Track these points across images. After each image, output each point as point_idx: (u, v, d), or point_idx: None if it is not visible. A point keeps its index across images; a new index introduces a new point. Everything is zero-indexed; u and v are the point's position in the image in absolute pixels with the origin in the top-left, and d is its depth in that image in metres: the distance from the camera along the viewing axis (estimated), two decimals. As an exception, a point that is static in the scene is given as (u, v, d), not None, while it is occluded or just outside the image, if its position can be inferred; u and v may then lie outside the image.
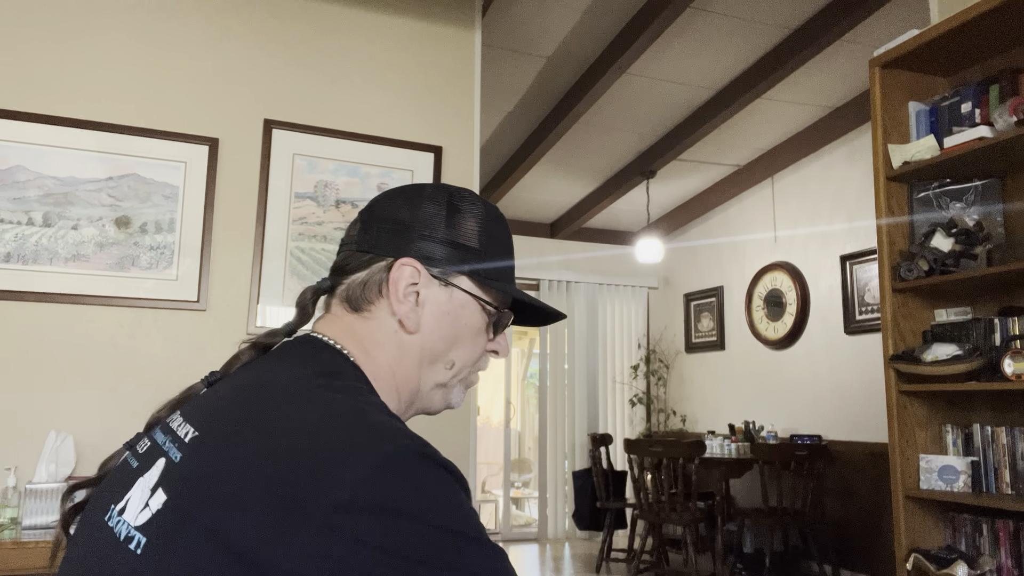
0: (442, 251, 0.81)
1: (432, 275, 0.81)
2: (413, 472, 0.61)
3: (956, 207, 2.44)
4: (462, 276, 0.82)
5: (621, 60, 4.16)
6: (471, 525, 0.62)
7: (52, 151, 2.58)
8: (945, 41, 2.35)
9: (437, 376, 0.83)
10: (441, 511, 0.61)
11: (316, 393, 0.69)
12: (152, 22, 2.79)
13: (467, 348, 0.84)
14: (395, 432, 0.64)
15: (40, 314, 2.52)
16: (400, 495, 0.60)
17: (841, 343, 5.30)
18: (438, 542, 0.59)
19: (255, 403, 0.69)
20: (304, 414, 0.66)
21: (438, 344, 0.82)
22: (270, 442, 0.63)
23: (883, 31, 4.06)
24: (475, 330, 0.84)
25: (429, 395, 0.84)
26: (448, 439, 2.98)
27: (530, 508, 7.74)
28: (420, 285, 0.80)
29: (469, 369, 0.86)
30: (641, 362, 6.98)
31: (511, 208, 6.61)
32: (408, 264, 0.80)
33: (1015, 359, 2.12)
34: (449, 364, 0.83)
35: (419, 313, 0.80)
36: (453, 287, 0.82)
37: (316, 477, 0.60)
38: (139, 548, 0.64)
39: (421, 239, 0.81)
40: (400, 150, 3.03)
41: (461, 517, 0.62)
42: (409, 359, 0.81)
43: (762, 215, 6.11)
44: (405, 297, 0.80)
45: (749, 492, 5.73)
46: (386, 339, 0.81)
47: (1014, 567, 2.17)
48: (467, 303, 0.82)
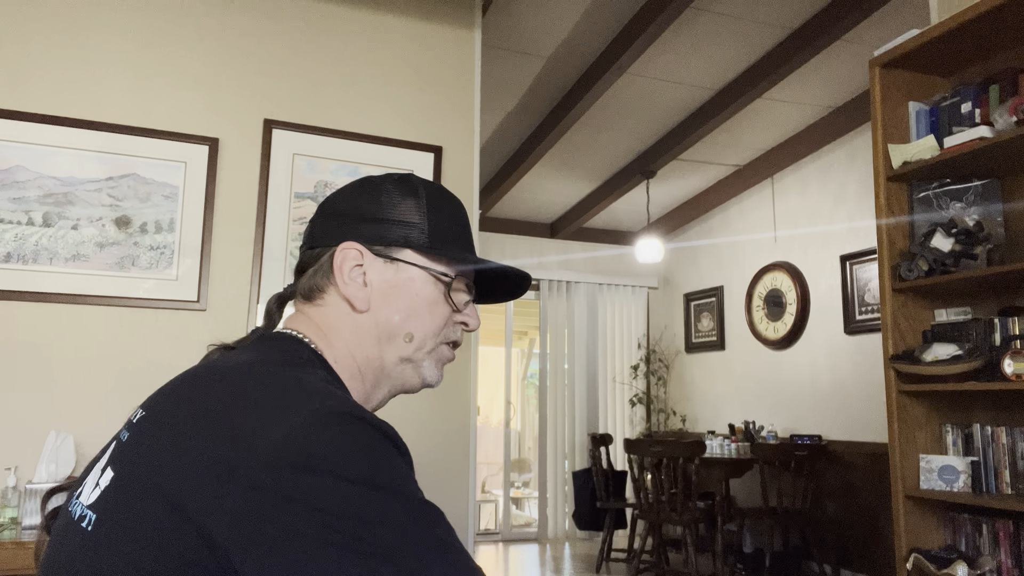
0: (382, 230, 0.83)
1: (375, 253, 0.83)
2: (340, 430, 0.62)
3: (956, 207, 2.44)
4: (405, 250, 0.83)
5: (621, 60, 4.16)
6: (399, 482, 0.62)
7: (52, 151, 2.58)
8: (945, 41, 2.35)
9: (399, 351, 0.84)
10: (367, 468, 0.61)
11: (258, 368, 0.72)
12: (152, 22, 2.79)
13: (424, 319, 0.84)
14: (326, 394, 0.66)
15: (40, 314, 2.52)
16: (326, 452, 0.60)
17: (841, 343, 5.30)
18: (363, 499, 0.59)
19: (200, 381, 0.72)
20: (241, 385, 0.69)
21: (392, 318, 0.83)
22: (207, 408, 0.66)
23: (883, 31, 4.06)
24: (429, 300, 0.84)
25: (398, 372, 0.85)
26: (448, 439, 2.98)
27: (530, 508, 7.74)
28: (365, 265, 0.83)
29: (434, 340, 0.86)
30: (641, 362, 6.98)
31: (511, 208, 6.61)
32: (349, 247, 0.82)
33: (1015, 359, 2.12)
34: (408, 337, 0.84)
35: (367, 292, 0.82)
36: (398, 262, 0.83)
37: (245, 437, 0.62)
38: (90, 525, 0.66)
39: (361, 223, 0.84)
40: (400, 150, 3.03)
41: (388, 474, 0.62)
42: (366, 338, 0.83)
43: (762, 215, 6.11)
44: (351, 279, 0.82)
45: (749, 492, 5.73)
46: (340, 323, 0.83)
47: (1014, 567, 2.16)
48: (415, 275, 0.84)
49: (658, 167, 5.66)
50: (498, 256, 6.70)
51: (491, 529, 6.76)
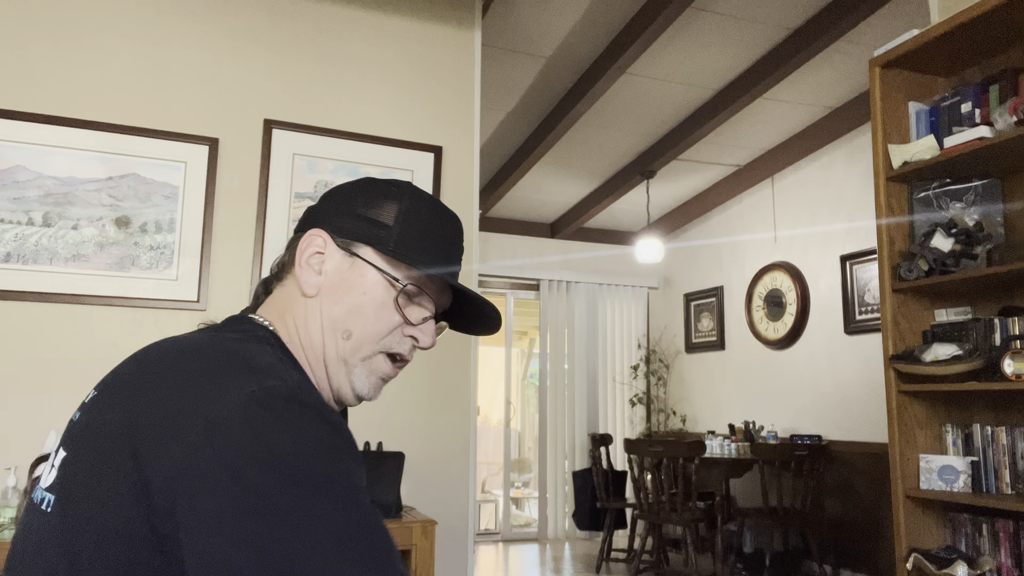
0: (352, 224, 0.84)
1: (338, 244, 0.84)
2: (279, 412, 0.63)
3: (956, 207, 2.44)
4: (366, 247, 0.83)
5: (621, 60, 4.16)
6: (328, 471, 0.62)
7: (52, 151, 2.58)
8: (945, 41, 2.35)
9: (335, 346, 0.83)
10: (298, 454, 0.61)
11: (209, 343, 0.74)
12: (152, 22, 2.79)
13: (367, 320, 0.83)
14: (271, 374, 0.67)
15: (40, 314, 2.52)
16: (252, 430, 0.62)
17: (841, 343, 5.30)
18: (287, 485, 0.60)
19: (148, 355, 0.74)
20: (191, 357, 0.71)
21: (334, 309, 0.82)
22: (155, 380, 0.69)
23: (883, 31, 4.06)
24: (377, 302, 0.83)
25: (334, 370, 0.83)
26: (448, 439, 2.98)
27: (530, 508, 7.74)
28: (326, 254, 0.84)
29: (373, 346, 0.84)
30: (641, 362, 6.98)
31: (511, 208, 6.61)
32: (316, 234, 0.84)
33: (1015, 359, 2.12)
34: (346, 334, 0.83)
35: (319, 280, 0.83)
36: (356, 257, 0.83)
37: (190, 408, 0.63)
38: (49, 507, 0.68)
39: (336, 215, 0.85)
40: (400, 150, 3.03)
41: (318, 461, 0.62)
42: (312, 324, 0.83)
43: (762, 215, 6.11)
44: (308, 264, 0.83)
45: (749, 492, 5.73)
46: (292, 303, 0.84)
47: (1014, 567, 2.16)
48: (368, 273, 0.83)
49: (658, 167, 5.66)
50: (498, 256, 6.70)
51: (491, 529, 6.76)
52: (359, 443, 2.75)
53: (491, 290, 6.70)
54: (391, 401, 2.92)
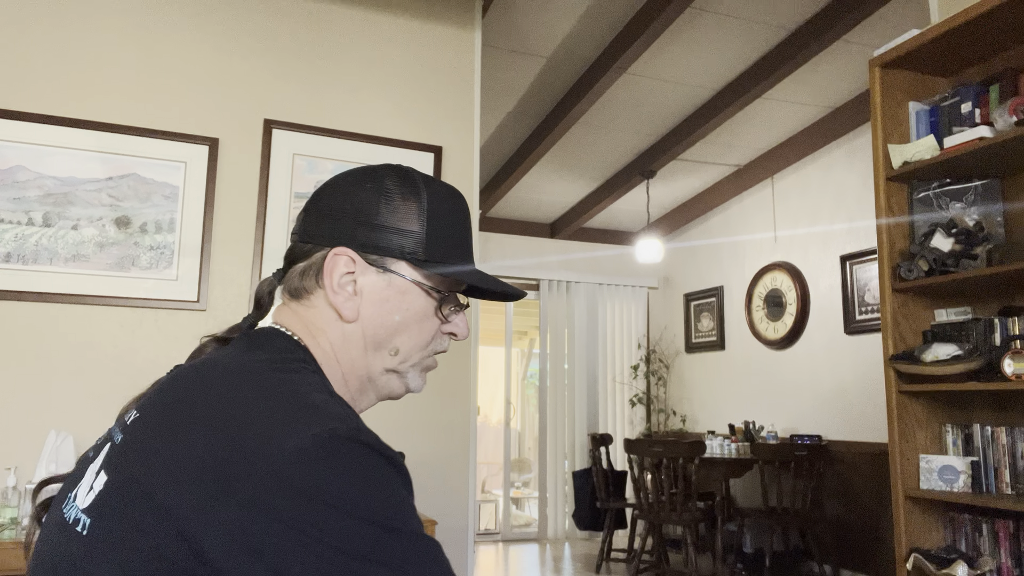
0: (378, 237, 0.79)
1: (368, 262, 0.80)
2: (340, 456, 0.61)
3: (956, 207, 2.44)
4: (400, 262, 0.80)
5: (621, 60, 4.16)
6: (396, 515, 0.61)
7: (52, 151, 2.58)
8: (945, 41, 2.35)
9: (384, 362, 0.82)
10: (363, 498, 0.60)
11: (255, 371, 0.70)
12: (152, 22, 2.79)
13: (412, 334, 0.82)
14: (329, 415, 0.64)
15: (40, 314, 2.52)
16: (323, 478, 0.59)
17: (841, 343, 5.30)
18: (356, 530, 0.59)
19: (196, 382, 0.70)
20: (240, 390, 0.67)
21: (379, 331, 0.80)
22: (205, 415, 0.65)
23: (883, 31, 4.06)
24: (420, 315, 0.82)
25: (384, 381, 0.83)
26: (448, 439, 2.98)
27: (530, 508, 7.74)
28: (356, 273, 0.79)
29: (421, 354, 0.84)
30: (641, 362, 6.98)
31: (511, 208, 6.61)
32: (342, 253, 0.79)
33: (1015, 359, 2.12)
34: (394, 351, 0.82)
35: (357, 302, 0.80)
36: (391, 273, 0.80)
37: (244, 452, 0.60)
38: (85, 529, 0.65)
39: (358, 226, 0.80)
40: (400, 150, 3.03)
41: (384, 506, 0.61)
42: (353, 347, 0.80)
43: (762, 215, 6.11)
44: (340, 287, 0.79)
45: (749, 492, 5.73)
46: (327, 327, 0.80)
47: (1014, 567, 2.16)
48: (407, 289, 0.81)
49: (658, 167, 5.66)
50: (498, 256, 6.70)
51: (491, 529, 6.76)
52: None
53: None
54: (391, 401, 2.92)
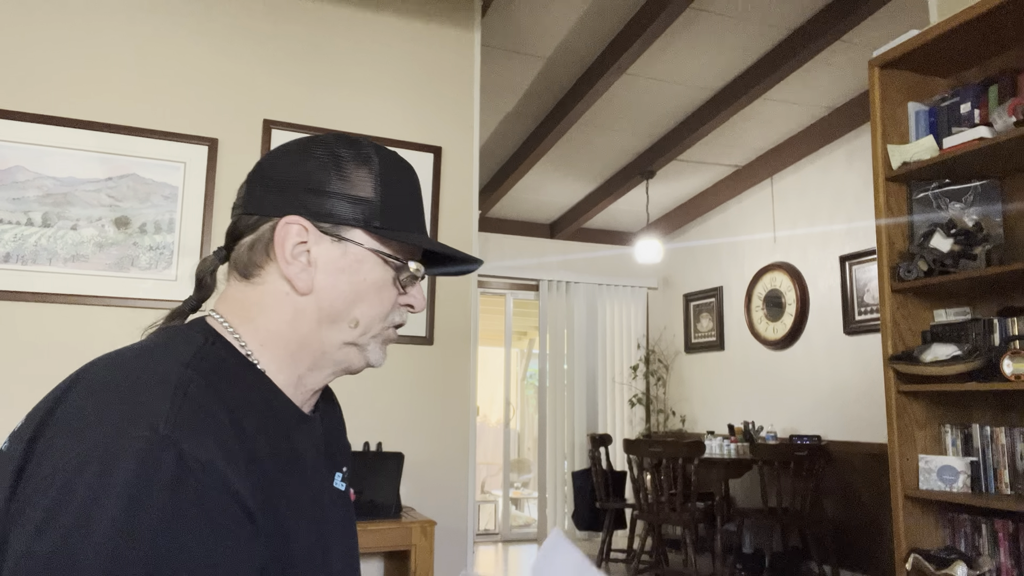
0: (332, 205, 0.76)
1: (322, 231, 0.76)
2: (114, 472, 0.58)
3: (955, 207, 2.44)
4: (356, 229, 0.77)
5: (621, 60, 4.16)
6: (147, 555, 0.56)
7: (51, 151, 2.58)
8: (944, 41, 2.35)
9: (343, 335, 0.78)
10: (120, 531, 0.56)
11: (108, 370, 0.68)
12: (151, 22, 2.79)
13: (371, 304, 0.79)
14: (136, 420, 0.61)
15: (40, 314, 2.52)
16: (87, 491, 0.57)
17: (840, 343, 5.30)
18: (99, 559, 0.55)
19: (61, 387, 0.68)
20: (82, 395, 0.65)
21: (336, 303, 0.77)
22: (51, 419, 0.64)
23: (883, 31, 4.06)
24: (377, 285, 0.79)
25: (342, 354, 0.79)
26: (448, 439, 2.98)
27: (529, 508, 7.74)
28: (310, 243, 0.76)
29: (381, 325, 0.80)
30: (640, 362, 6.98)
31: (511, 208, 6.61)
32: (293, 222, 0.75)
33: (1014, 359, 2.12)
34: (353, 323, 0.78)
35: (311, 273, 0.76)
36: (347, 242, 0.77)
37: (48, 448, 0.61)
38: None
39: (308, 193, 0.76)
40: (400, 150, 3.03)
41: (135, 542, 0.56)
42: (306, 321, 0.77)
43: (761, 215, 6.11)
44: (294, 257, 0.76)
45: (748, 492, 5.73)
46: (277, 303, 0.77)
47: (1013, 567, 2.17)
48: (364, 258, 0.77)
49: (657, 167, 5.66)
50: (498, 256, 6.70)
51: (490, 529, 6.76)
52: (358, 443, 2.75)
53: (491, 290, 6.70)
54: (391, 401, 2.92)
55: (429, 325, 2.98)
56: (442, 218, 3.06)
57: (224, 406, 0.67)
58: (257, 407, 0.72)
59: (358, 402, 2.84)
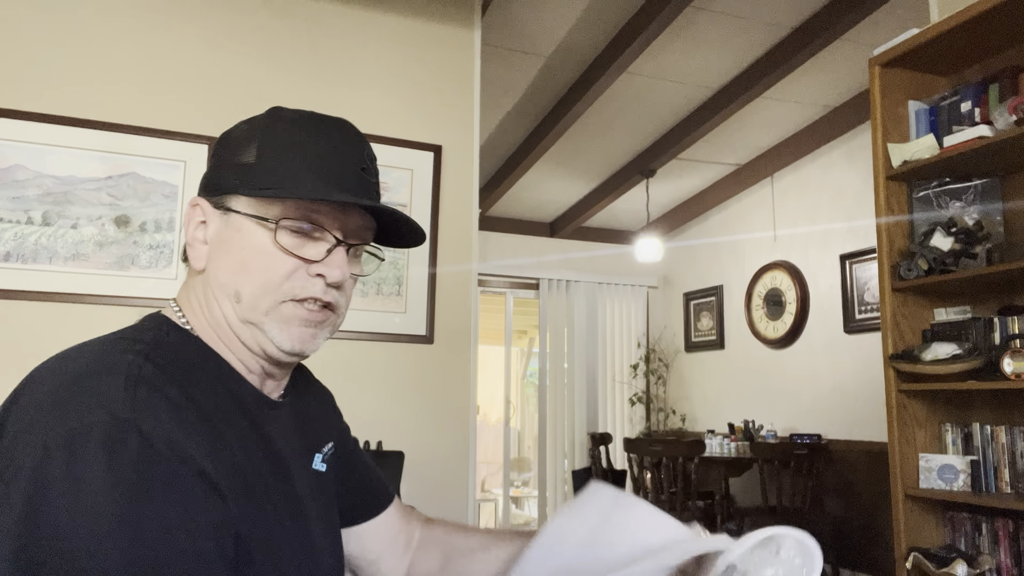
0: (218, 176, 0.75)
1: (214, 206, 0.75)
2: (81, 458, 0.59)
3: (956, 206, 2.44)
4: (237, 197, 0.74)
5: (621, 59, 4.16)
6: (111, 539, 0.56)
7: (51, 150, 2.58)
8: (945, 40, 2.35)
9: (233, 312, 0.74)
10: (85, 519, 0.57)
11: (59, 366, 0.71)
12: (152, 22, 2.78)
13: (254, 274, 0.73)
14: (93, 407, 0.62)
15: (40, 313, 2.52)
16: (54, 477, 0.58)
17: (841, 342, 5.30)
18: (63, 551, 0.56)
19: (14, 391, 0.72)
20: (36, 393, 0.68)
21: (220, 275, 0.74)
22: (7, 420, 0.67)
23: (883, 31, 4.06)
24: (259, 251, 0.73)
25: (247, 333, 0.75)
26: (448, 438, 2.98)
27: (530, 507, 7.74)
28: (208, 221, 0.76)
29: (271, 298, 0.73)
30: (641, 361, 6.98)
31: (511, 207, 6.60)
32: (193, 202, 0.77)
33: (1015, 358, 2.12)
34: (236, 297, 0.73)
35: (206, 249, 0.76)
36: (230, 212, 0.74)
37: (11, 445, 0.63)
38: None
39: (209, 172, 0.77)
40: (400, 149, 3.03)
41: (100, 527, 0.57)
42: (208, 297, 0.75)
43: (762, 214, 6.11)
44: (194, 239, 0.76)
45: (749, 491, 5.73)
46: (194, 283, 0.78)
47: (1013, 566, 2.17)
48: (242, 224, 0.73)
49: (658, 166, 5.66)
50: (498, 255, 6.70)
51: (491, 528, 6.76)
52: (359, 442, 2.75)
53: (491, 289, 6.70)
54: (391, 401, 2.92)
55: (429, 324, 2.98)
56: (442, 217, 3.06)
57: (179, 389, 0.67)
58: (216, 390, 0.72)
59: (358, 402, 2.84)
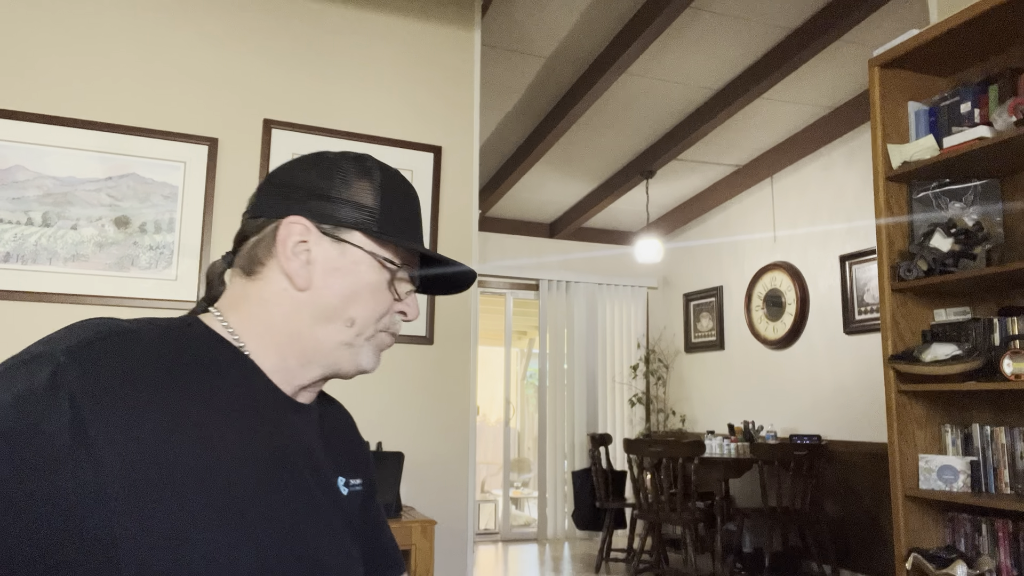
0: (332, 208, 0.81)
1: (322, 232, 0.80)
2: (11, 372, 0.65)
3: (955, 207, 2.44)
4: (354, 232, 0.81)
5: (621, 60, 4.16)
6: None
7: (51, 151, 2.58)
8: (945, 41, 2.35)
9: (338, 335, 0.81)
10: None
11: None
12: (151, 22, 2.79)
13: (366, 305, 0.82)
14: (57, 344, 0.67)
15: (39, 314, 2.52)
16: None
17: (840, 343, 5.30)
18: None
19: None
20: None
21: (332, 301, 0.80)
22: None
23: (883, 31, 4.06)
24: (373, 287, 0.82)
25: (334, 355, 0.82)
26: (448, 439, 2.98)
27: (530, 508, 7.74)
28: (310, 243, 0.80)
29: (376, 327, 0.83)
30: (640, 362, 6.98)
31: (511, 208, 6.61)
32: (296, 222, 0.80)
33: (1014, 359, 2.12)
34: (348, 322, 0.81)
35: (310, 270, 0.80)
36: (345, 243, 0.81)
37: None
38: None
39: (312, 198, 0.81)
40: (400, 150, 3.03)
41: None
42: (301, 317, 0.80)
43: (761, 215, 6.11)
44: (295, 255, 0.80)
45: (748, 492, 5.73)
46: (274, 297, 0.80)
47: (1013, 567, 2.17)
48: (361, 259, 0.81)
49: (658, 167, 5.66)
50: (498, 256, 6.71)
51: (490, 529, 6.76)
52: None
53: (491, 290, 6.70)
54: (391, 401, 2.92)
55: (429, 325, 2.98)
56: (442, 218, 3.06)
57: (156, 368, 0.70)
58: (218, 385, 0.74)
59: (358, 402, 2.84)
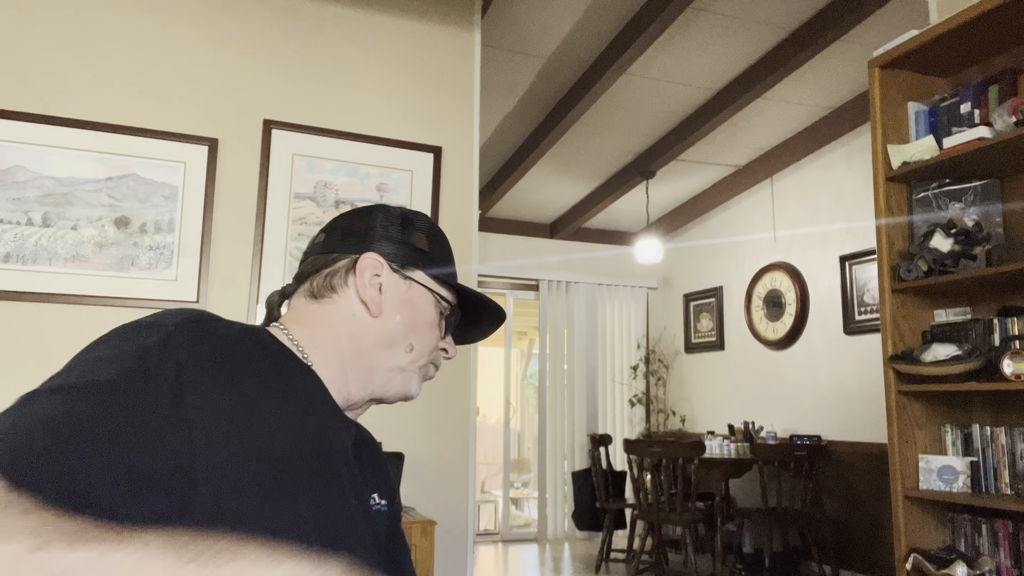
0: (398, 250, 0.93)
1: (392, 268, 0.92)
2: (128, 324, 0.75)
3: (955, 207, 2.44)
4: (418, 271, 0.93)
5: (621, 60, 4.16)
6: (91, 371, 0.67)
7: (51, 151, 2.58)
8: (944, 41, 2.35)
9: (396, 359, 0.91)
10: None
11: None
12: (151, 22, 2.79)
13: (424, 335, 0.93)
14: (168, 318, 0.76)
15: (39, 314, 2.52)
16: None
17: (840, 343, 5.30)
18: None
19: None
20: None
21: (398, 328, 0.91)
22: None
23: (883, 31, 4.06)
24: (430, 321, 0.94)
25: (387, 377, 0.92)
26: (448, 439, 2.98)
27: (529, 508, 7.74)
28: (382, 276, 0.91)
29: (428, 357, 0.94)
30: (640, 362, 6.98)
31: (511, 208, 6.61)
32: (371, 258, 0.91)
33: (1014, 359, 2.12)
34: (408, 348, 0.92)
35: (381, 300, 0.91)
36: (412, 280, 0.93)
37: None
38: None
39: (380, 240, 0.93)
40: (400, 150, 3.03)
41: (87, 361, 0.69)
42: (366, 340, 0.90)
43: (761, 215, 6.11)
44: (371, 285, 0.91)
45: (748, 492, 5.73)
46: (341, 320, 0.90)
47: (1013, 567, 2.17)
48: (423, 295, 0.93)
49: (657, 167, 5.66)
50: (498, 256, 6.71)
51: (490, 529, 6.76)
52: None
53: (490, 290, 6.70)
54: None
55: (429, 325, 2.98)
56: (442, 218, 3.06)
57: (242, 350, 0.78)
58: (288, 381, 0.82)
59: (358, 402, 2.84)
